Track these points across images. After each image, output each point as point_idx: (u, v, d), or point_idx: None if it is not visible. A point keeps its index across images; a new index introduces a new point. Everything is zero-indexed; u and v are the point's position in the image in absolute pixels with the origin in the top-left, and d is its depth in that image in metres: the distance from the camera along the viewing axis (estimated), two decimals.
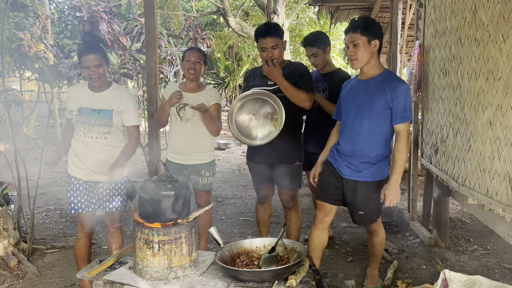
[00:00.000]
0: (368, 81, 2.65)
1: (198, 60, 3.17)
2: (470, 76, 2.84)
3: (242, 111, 3.06)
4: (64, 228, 4.46)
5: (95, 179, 2.82)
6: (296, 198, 3.28)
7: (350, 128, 2.69)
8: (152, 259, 2.08)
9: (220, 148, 10.47)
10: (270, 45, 3.00)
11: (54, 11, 10.47)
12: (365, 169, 2.66)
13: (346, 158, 2.71)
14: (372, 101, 2.59)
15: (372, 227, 2.90)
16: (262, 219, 3.44)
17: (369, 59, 2.59)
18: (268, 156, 3.12)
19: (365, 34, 2.53)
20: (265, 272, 2.05)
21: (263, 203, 3.40)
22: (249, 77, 3.26)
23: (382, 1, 6.30)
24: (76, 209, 2.84)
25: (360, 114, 2.64)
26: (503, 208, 2.35)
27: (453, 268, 3.30)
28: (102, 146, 2.80)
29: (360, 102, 2.65)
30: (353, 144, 2.66)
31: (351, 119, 2.69)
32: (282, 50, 3.07)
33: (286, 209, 3.33)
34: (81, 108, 2.79)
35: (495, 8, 2.47)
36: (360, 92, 2.67)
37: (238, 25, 12.53)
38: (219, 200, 5.62)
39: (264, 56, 3.05)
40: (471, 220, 4.52)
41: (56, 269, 3.48)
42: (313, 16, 17.78)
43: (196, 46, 4.27)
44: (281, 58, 3.09)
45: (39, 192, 5.30)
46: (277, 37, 3.02)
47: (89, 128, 2.77)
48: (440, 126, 3.46)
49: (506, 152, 2.34)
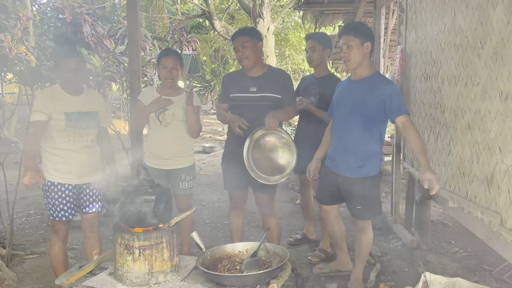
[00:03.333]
0: (359, 81, 2.80)
1: (175, 67, 3.11)
2: (450, 81, 2.88)
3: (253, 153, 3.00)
4: (44, 233, 4.37)
5: (84, 181, 2.82)
6: (273, 204, 3.23)
7: (342, 127, 2.85)
8: (133, 265, 2.06)
9: (205, 152, 10.44)
10: (239, 44, 3.00)
11: (36, 13, 10.31)
12: (358, 165, 2.80)
13: (339, 156, 2.87)
14: (363, 101, 2.73)
15: (362, 225, 2.99)
16: (235, 225, 3.32)
17: (362, 60, 2.75)
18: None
19: (358, 36, 2.70)
20: (247, 277, 2.04)
21: (237, 208, 3.30)
22: (228, 83, 3.16)
23: (366, 6, 6.37)
24: (65, 216, 2.77)
25: (351, 113, 2.78)
26: (481, 211, 2.39)
27: (434, 270, 3.34)
28: (89, 148, 2.83)
29: (351, 102, 2.80)
30: (345, 142, 2.82)
31: (343, 118, 2.84)
32: (255, 50, 3.02)
33: (264, 216, 3.25)
34: (68, 113, 2.71)
35: (474, 14, 2.51)
36: (352, 92, 2.83)
37: (223, 28, 12.55)
38: (204, 204, 5.59)
39: (237, 56, 3.05)
40: (452, 222, 4.58)
41: (35, 275, 3.41)
42: (299, 20, 17.88)
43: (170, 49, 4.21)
44: (255, 58, 3.03)
45: (19, 196, 5.20)
46: (248, 36, 3.00)
47: (80, 132, 2.75)
48: (421, 130, 3.50)
49: (485, 156, 2.38)
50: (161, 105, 3.06)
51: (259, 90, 3.02)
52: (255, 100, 3.01)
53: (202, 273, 2.11)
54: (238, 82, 3.10)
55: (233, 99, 3.12)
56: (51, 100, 2.70)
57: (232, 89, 3.13)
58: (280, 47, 20.75)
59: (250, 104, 3.02)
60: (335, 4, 6.87)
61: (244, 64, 3.04)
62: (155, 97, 3.11)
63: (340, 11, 7.17)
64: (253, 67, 3.06)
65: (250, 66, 3.04)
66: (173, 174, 3.17)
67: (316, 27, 7.56)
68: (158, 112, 3.11)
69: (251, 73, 3.08)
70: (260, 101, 2.96)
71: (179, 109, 3.13)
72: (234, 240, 3.25)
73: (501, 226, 2.19)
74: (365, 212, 2.93)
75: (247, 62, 3.02)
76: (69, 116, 2.71)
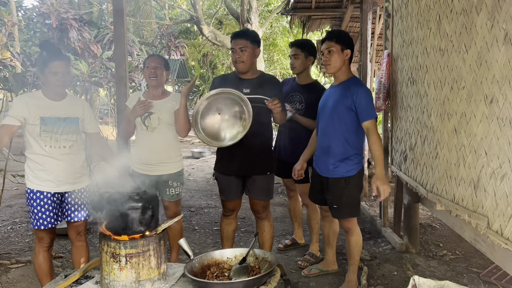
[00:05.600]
0: (338, 85, 2.99)
1: (158, 65, 3.08)
2: (436, 85, 2.91)
3: (208, 112, 2.91)
4: (30, 241, 4.30)
5: (64, 189, 2.75)
6: (268, 208, 3.24)
7: (322, 129, 3.03)
8: (119, 273, 2.02)
9: (194, 157, 10.39)
10: (238, 46, 2.97)
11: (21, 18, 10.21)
12: (335, 166, 2.95)
13: (320, 157, 3.05)
14: (339, 103, 2.90)
15: (346, 225, 3.07)
16: (227, 233, 3.28)
17: (341, 66, 2.94)
18: (239, 167, 3.05)
19: (339, 42, 2.89)
20: (236, 284, 2.02)
21: (229, 216, 3.26)
22: (222, 83, 3.07)
23: (353, 11, 6.42)
24: (45, 224, 2.71)
25: (329, 116, 2.95)
26: (468, 214, 2.40)
27: (423, 273, 3.35)
28: (69, 155, 2.75)
29: (329, 105, 2.97)
30: (324, 143, 2.99)
31: (322, 120, 3.02)
32: (252, 56, 3.01)
33: (258, 219, 3.26)
34: (44, 117, 2.66)
35: (458, 19, 2.54)
36: (331, 96, 3.00)
37: (211, 33, 12.55)
38: (193, 209, 5.55)
39: (233, 58, 3.02)
40: (440, 225, 4.61)
41: (20, 285, 3.34)
42: (286, 25, 17.97)
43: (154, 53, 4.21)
44: (250, 64, 3.02)
45: (4, 204, 5.12)
46: (247, 41, 2.98)
47: (56, 137, 2.70)
48: (408, 134, 3.53)
49: (471, 159, 2.40)
50: (143, 109, 3.02)
51: (253, 92, 2.98)
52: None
53: (190, 280, 2.08)
54: (231, 83, 3.02)
55: None
56: (27, 105, 2.66)
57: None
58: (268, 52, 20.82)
59: None
60: (322, 10, 6.91)
61: (238, 67, 3.01)
62: None
63: (328, 16, 7.22)
64: (246, 72, 3.04)
65: (244, 70, 3.02)
66: (160, 180, 3.13)
67: (304, 32, 7.59)
68: (143, 117, 3.08)
69: (244, 76, 3.06)
70: (252, 103, 2.90)
71: (165, 112, 3.08)
72: (225, 248, 3.21)
73: (488, 228, 2.21)
74: (341, 211, 3.01)
75: (242, 66, 3.00)
76: (44, 120, 2.66)
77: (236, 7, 13.81)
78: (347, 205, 2.98)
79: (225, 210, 3.26)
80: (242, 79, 3.06)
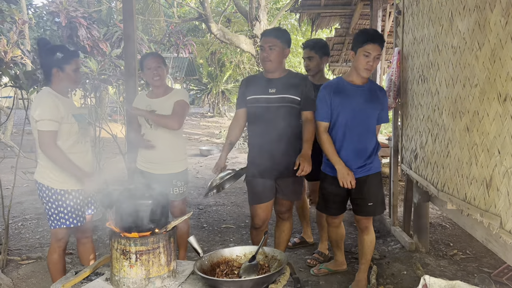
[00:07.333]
0: (362, 87, 2.96)
1: (159, 65, 3.09)
2: (448, 82, 2.87)
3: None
4: (40, 238, 4.34)
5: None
6: (291, 209, 3.20)
7: (355, 131, 2.94)
8: (130, 270, 2.03)
9: (202, 155, 10.41)
10: (267, 44, 2.92)
11: (31, 16, 10.29)
12: (371, 162, 2.98)
13: (354, 159, 2.94)
14: (369, 104, 2.95)
15: (365, 224, 3.07)
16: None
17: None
18: (271, 169, 2.98)
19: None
20: (245, 282, 2.01)
21: (259, 229, 3.10)
22: (248, 84, 3.08)
23: (362, 8, 6.38)
24: (81, 221, 2.72)
25: (359, 116, 2.93)
26: (480, 213, 2.38)
27: (433, 273, 3.32)
28: (89, 148, 2.85)
29: (358, 106, 2.93)
30: (359, 143, 2.95)
31: (353, 121, 2.93)
32: (280, 56, 2.95)
33: (280, 220, 3.20)
34: (75, 114, 2.67)
35: (471, 16, 2.51)
36: (357, 97, 2.94)
37: (220, 31, 12.54)
38: (201, 207, 5.56)
39: (261, 55, 2.98)
40: (450, 225, 4.57)
41: (31, 280, 3.37)
42: (295, 23, 17.90)
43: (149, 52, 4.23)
44: (278, 63, 2.96)
45: (15, 201, 5.17)
46: (277, 39, 2.92)
47: (86, 133, 2.77)
48: (419, 132, 3.49)
49: (483, 157, 2.37)
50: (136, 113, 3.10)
51: (278, 92, 2.94)
52: (273, 102, 2.92)
53: (200, 278, 2.08)
54: (257, 84, 3.01)
55: (250, 101, 3.01)
56: (57, 106, 2.59)
57: (249, 91, 3.03)
58: None
59: (268, 106, 2.93)
60: (332, 7, 6.87)
61: (266, 66, 2.98)
62: (145, 102, 3.11)
63: (337, 13, 7.18)
64: (274, 71, 2.99)
65: (271, 69, 2.98)
66: (163, 179, 3.07)
67: (313, 30, 7.56)
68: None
69: (271, 75, 3.01)
70: (279, 103, 2.87)
71: (167, 110, 3.06)
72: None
73: (501, 228, 2.18)
74: (377, 207, 3.05)
75: (270, 65, 2.95)
76: (76, 117, 2.68)
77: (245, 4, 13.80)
78: (382, 199, 3.07)
79: (256, 220, 3.10)
80: (269, 79, 3.01)
